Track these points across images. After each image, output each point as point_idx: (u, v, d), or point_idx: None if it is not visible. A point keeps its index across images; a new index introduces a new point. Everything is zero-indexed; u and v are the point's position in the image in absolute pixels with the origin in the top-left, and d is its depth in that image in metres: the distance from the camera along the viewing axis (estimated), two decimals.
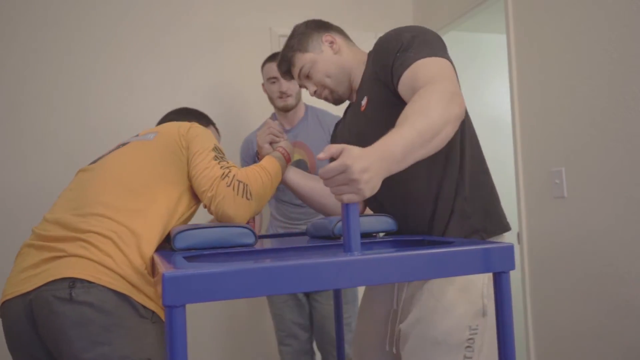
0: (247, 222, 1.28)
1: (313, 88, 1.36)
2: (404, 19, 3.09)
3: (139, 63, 2.64)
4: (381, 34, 1.21)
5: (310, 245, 1.13)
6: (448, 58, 1.09)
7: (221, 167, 1.24)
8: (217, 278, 0.74)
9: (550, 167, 2.08)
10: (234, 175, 1.22)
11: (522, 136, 2.26)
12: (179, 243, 1.08)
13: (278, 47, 2.83)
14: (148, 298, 1.13)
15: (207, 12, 2.76)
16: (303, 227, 2.13)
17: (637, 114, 1.71)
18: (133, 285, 1.10)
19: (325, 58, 1.33)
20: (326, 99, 1.38)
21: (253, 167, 1.31)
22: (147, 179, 1.22)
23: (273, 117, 2.33)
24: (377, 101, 1.20)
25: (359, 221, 0.86)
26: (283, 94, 2.18)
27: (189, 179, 1.26)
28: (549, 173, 2.08)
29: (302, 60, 1.34)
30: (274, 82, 2.20)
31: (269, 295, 0.77)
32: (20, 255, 1.18)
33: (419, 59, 1.06)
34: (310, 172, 2.10)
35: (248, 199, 1.22)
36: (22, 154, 2.45)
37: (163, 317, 1.15)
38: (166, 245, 1.23)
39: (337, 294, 1.54)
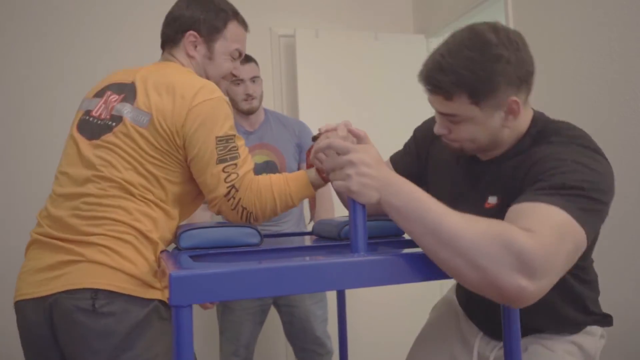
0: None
1: (443, 130, 1.04)
2: (404, 19, 3.10)
3: (139, 63, 2.63)
4: (381, 34, 1.18)
5: (316, 245, 1.12)
6: (588, 231, 0.80)
7: (226, 183, 1.12)
8: (225, 278, 0.74)
9: None
10: (239, 200, 1.13)
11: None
12: (185, 242, 1.08)
13: (278, 47, 2.83)
14: (164, 292, 1.11)
15: None
16: (274, 229, 2.10)
17: (637, 114, 1.71)
18: (151, 285, 1.09)
19: (488, 125, 0.98)
20: (447, 145, 1.07)
21: (270, 186, 1.15)
22: (144, 183, 1.11)
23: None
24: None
25: (365, 221, 0.86)
26: (249, 97, 2.09)
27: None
28: None
29: (464, 109, 0.96)
30: (238, 84, 2.09)
31: (270, 295, 0.77)
32: (32, 250, 1.13)
33: (550, 204, 0.80)
34: (280, 171, 2.03)
35: (250, 222, 1.17)
36: (22, 154, 2.45)
37: None
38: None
39: (341, 295, 1.54)
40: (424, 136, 1.28)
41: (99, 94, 1.21)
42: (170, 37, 1.27)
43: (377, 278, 0.81)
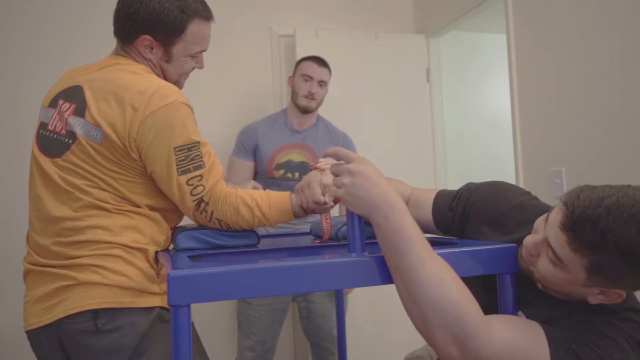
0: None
1: (534, 252, 0.87)
2: (404, 19, 3.10)
3: None
4: (381, 34, 1.11)
5: (314, 245, 1.13)
6: None
7: (193, 197, 1.05)
8: (222, 278, 0.74)
9: (550, 167, 2.08)
10: (212, 213, 1.07)
11: (522, 136, 2.26)
12: (182, 243, 1.09)
13: (278, 47, 2.84)
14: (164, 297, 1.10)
15: None
16: (302, 227, 2.12)
17: (637, 114, 1.71)
18: (150, 292, 1.08)
19: (575, 286, 0.84)
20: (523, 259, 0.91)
21: (252, 208, 1.09)
22: (113, 197, 1.07)
23: (282, 113, 2.35)
24: None
25: (363, 221, 0.87)
26: (310, 95, 2.21)
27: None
28: (549, 173, 2.08)
29: (574, 266, 0.81)
30: (307, 80, 2.22)
31: (267, 295, 0.77)
32: (29, 280, 1.13)
33: (547, 335, 0.80)
34: None
35: (230, 229, 1.12)
36: (20, 153, 2.45)
37: None
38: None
39: (339, 294, 1.54)
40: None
41: (53, 104, 1.14)
42: (123, 35, 1.15)
43: (374, 278, 0.82)
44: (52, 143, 1.10)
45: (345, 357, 1.58)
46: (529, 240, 0.87)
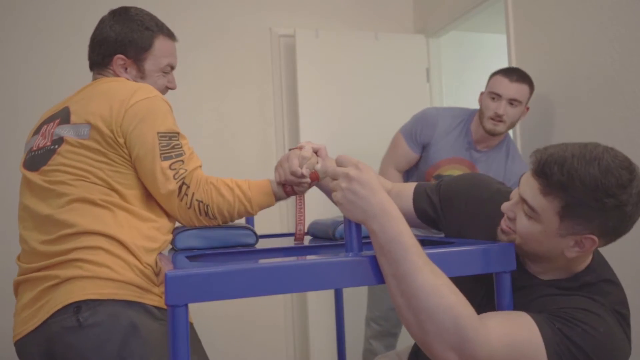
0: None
1: (511, 215, 0.94)
2: (404, 19, 3.10)
3: None
4: (381, 34, 1.14)
5: (311, 245, 1.13)
6: None
7: (175, 180, 1.08)
8: (220, 278, 0.74)
9: None
10: (192, 195, 1.08)
11: (522, 136, 2.26)
12: (181, 243, 1.09)
13: (278, 47, 2.84)
14: (160, 298, 1.07)
15: (206, 12, 2.76)
16: None
17: (637, 114, 1.71)
18: (141, 288, 1.05)
19: (552, 241, 0.89)
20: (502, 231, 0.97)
21: (231, 188, 1.12)
22: (100, 189, 1.08)
23: (469, 117, 1.98)
24: None
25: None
26: (497, 117, 1.85)
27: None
28: None
29: (547, 213, 0.87)
30: (493, 99, 1.86)
31: (265, 295, 0.78)
32: (17, 292, 1.13)
33: (538, 326, 0.84)
34: None
35: (211, 218, 1.12)
36: (20, 153, 2.45)
37: None
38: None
39: (338, 294, 1.54)
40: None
41: (36, 132, 1.21)
42: (98, 61, 1.24)
43: (372, 277, 0.82)
44: (37, 158, 1.15)
45: (345, 357, 1.58)
46: (506, 204, 0.94)
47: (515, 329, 0.82)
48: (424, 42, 2.95)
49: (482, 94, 1.96)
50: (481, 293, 0.98)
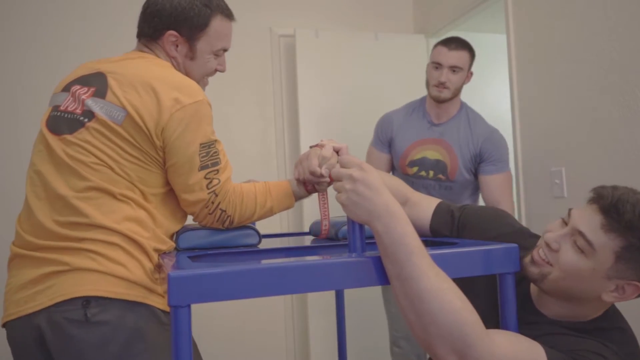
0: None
1: (555, 246, 0.89)
2: (404, 19, 3.09)
3: None
4: (381, 34, 1.13)
5: (314, 245, 1.13)
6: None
7: (208, 189, 1.07)
8: (223, 278, 0.74)
9: (550, 167, 2.08)
10: (218, 204, 1.08)
11: (522, 136, 2.26)
12: (183, 243, 1.09)
13: (278, 47, 2.83)
14: (164, 299, 1.05)
15: None
16: None
17: (637, 114, 1.71)
18: (150, 290, 1.03)
19: (591, 282, 0.86)
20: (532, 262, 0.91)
21: (254, 195, 1.13)
22: (122, 181, 1.05)
23: (422, 101, 2.15)
24: None
25: None
26: (440, 85, 1.98)
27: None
28: (549, 173, 2.08)
29: (602, 258, 0.84)
30: (436, 68, 2.00)
31: (268, 296, 0.78)
32: (13, 266, 1.07)
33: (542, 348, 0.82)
34: (448, 176, 2.01)
35: (227, 225, 1.12)
36: (18, 152, 2.44)
37: None
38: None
39: (340, 295, 1.54)
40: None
41: (66, 89, 1.12)
42: (148, 33, 1.17)
43: (375, 278, 0.81)
44: (62, 121, 1.08)
45: (345, 357, 1.58)
46: (551, 234, 0.89)
47: (524, 353, 0.79)
48: (424, 42, 2.95)
49: (427, 65, 2.10)
50: (490, 303, 0.96)
